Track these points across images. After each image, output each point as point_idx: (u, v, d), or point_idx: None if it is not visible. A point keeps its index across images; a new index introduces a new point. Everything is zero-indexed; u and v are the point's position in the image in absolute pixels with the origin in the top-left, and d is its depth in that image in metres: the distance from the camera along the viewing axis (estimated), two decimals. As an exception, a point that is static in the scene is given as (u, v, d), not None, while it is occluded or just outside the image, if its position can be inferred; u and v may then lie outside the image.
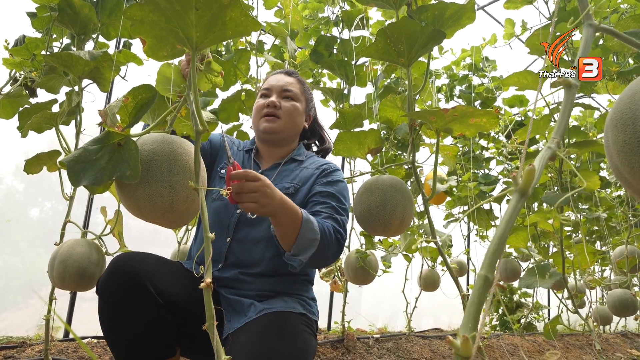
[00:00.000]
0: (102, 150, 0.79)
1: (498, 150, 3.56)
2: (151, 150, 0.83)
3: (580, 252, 1.87)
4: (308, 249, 1.14)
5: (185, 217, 0.88)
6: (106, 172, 0.78)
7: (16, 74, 1.86)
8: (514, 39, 2.28)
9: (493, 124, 1.17)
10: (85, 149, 0.79)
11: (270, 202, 1.03)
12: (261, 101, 1.45)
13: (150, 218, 0.85)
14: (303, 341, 1.08)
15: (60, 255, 1.37)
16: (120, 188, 0.85)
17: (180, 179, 0.84)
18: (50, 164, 1.57)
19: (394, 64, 1.23)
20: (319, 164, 1.42)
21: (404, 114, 1.20)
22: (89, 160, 0.78)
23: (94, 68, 1.55)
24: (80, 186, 0.77)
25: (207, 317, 0.70)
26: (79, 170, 0.76)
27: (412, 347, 2.69)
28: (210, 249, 0.75)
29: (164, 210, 0.83)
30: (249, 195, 1.00)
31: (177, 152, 0.85)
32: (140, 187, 0.81)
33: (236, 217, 1.31)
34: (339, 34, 2.68)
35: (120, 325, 1.05)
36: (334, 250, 1.22)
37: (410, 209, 1.15)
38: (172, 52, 0.89)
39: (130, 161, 0.76)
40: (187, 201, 0.85)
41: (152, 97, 0.81)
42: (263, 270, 1.26)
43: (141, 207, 0.83)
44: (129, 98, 0.80)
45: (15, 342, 1.86)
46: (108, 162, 0.78)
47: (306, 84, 1.51)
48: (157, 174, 0.82)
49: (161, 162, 0.83)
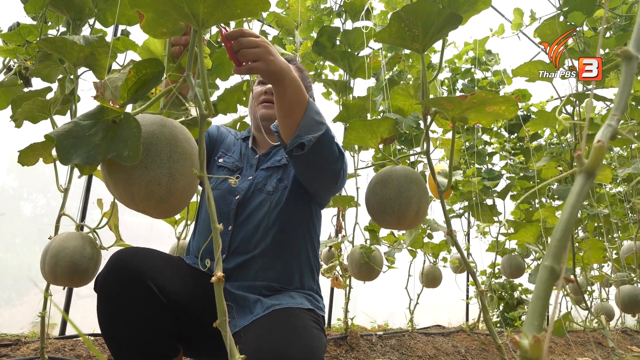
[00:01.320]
0: (96, 127, 0.71)
1: (501, 145, 3.52)
2: (150, 133, 0.75)
3: (592, 247, 1.82)
4: (314, 130, 1.05)
5: (178, 208, 0.81)
6: (100, 151, 0.69)
7: (10, 62, 1.79)
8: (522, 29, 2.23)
9: (512, 112, 1.11)
10: (76, 124, 0.71)
11: (275, 58, 0.94)
12: (259, 88, 1.42)
13: (142, 206, 0.76)
14: (314, 339, 1.03)
15: (52, 249, 1.31)
16: (110, 172, 0.76)
17: (180, 166, 0.76)
18: (45, 154, 1.51)
19: (407, 49, 1.17)
20: None
21: (418, 102, 1.15)
22: (81, 135, 0.69)
23: (90, 54, 1.48)
24: (70, 164, 0.67)
25: (219, 313, 0.65)
26: (69, 146, 0.68)
27: (416, 344, 2.65)
28: (220, 241, 0.69)
29: (160, 200, 0.75)
30: (252, 51, 0.91)
31: (178, 137, 0.77)
32: (136, 172, 0.73)
33: (235, 203, 1.27)
34: (341, 25, 2.62)
35: (120, 324, 0.99)
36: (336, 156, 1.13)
37: (425, 201, 1.09)
38: (172, 29, 0.82)
39: (129, 141, 0.68)
40: (184, 191, 0.78)
41: (157, 73, 0.73)
42: (266, 251, 1.21)
43: (134, 194, 0.74)
44: (131, 72, 0.72)
45: (10, 340, 1.79)
46: (102, 140, 0.70)
47: (305, 71, 1.46)
48: (157, 160, 0.74)
49: (161, 146, 0.75)
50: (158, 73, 0.74)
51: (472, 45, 3.52)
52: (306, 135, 1.04)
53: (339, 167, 1.18)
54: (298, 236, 1.27)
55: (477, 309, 4.18)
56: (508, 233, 3.25)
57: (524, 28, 2.20)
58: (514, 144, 3.60)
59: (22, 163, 1.49)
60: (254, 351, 0.92)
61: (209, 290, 1.15)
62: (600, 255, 1.83)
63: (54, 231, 1.48)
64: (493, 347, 3.11)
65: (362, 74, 2.51)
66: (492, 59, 3.55)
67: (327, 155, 1.13)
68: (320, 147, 1.09)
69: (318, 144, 1.07)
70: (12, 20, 1.78)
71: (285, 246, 1.23)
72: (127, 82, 0.73)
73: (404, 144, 2.65)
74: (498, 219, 3.33)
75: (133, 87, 0.75)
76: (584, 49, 1.83)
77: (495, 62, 3.54)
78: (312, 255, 1.32)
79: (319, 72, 2.80)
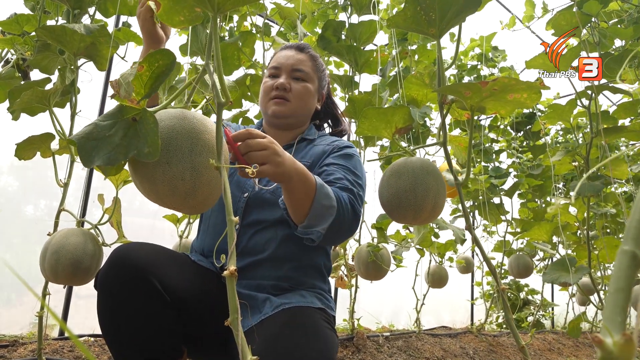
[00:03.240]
0: (116, 126, 0.70)
1: (508, 142, 3.46)
2: (170, 128, 0.73)
3: (608, 245, 1.77)
4: (324, 218, 1.02)
5: (207, 202, 0.79)
6: (121, 150, 0.68)
7: (7, 54, 1.74)
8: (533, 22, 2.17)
9: (534, 100, 1.05)
10: (96, 125, 0.70)
11: (282, 160, 0.91)
12: (269, 81, 1.33)
13: (169, 203, 0.75)
14: (326, 338, 0.98)
15: (53, 245, 1.25)
16: (135, 170, 0.75)
17: (203, 159, 0.74)
18: (43, 148, 1.46)
19: (423, 34, 1.12)
20: (331, 141, 1.32)
21: (434, 90, 1.09)
22: (101, 137, 0.69)
23: (90, 44, 1.43)
24: (93, 166, 0.67)
25: (231, 311, 0.59)
26: (90, 149, 0.67)
27: (423, 345, 2.59)
28: (234, 234, 0.63)
29: (185, 195, 0.73)
30: (260, 154, 0.87)
31: (198, 129, 0.75)
32: (159, 169, 0.71)
33: (244, 201, 1.20)
34: (347, 19, 2.56)
35: (121, 322, 0.94)
36: (350, 221, 1.09)
37: (443, 194, 1.04)
38: (190, 17, 0.79)
39: (148, 137, 0.67)
40: (210, 184, 0.76)
41: (170, 64, 0.70)
42: (276, 253, 1.15)
43: (159, 192, 0.73)
44: (144, 66, 0.69)
45: (7, 341, 1.74)
46: (123, 139, 0.69)
47: (319, 59, 1.38)
48: (178, 154, 0.72)
49: (181, 140, 0.73)
50: (170, 64, 0.72)
51: (478, 42, 3.46)
52: (315, 227, 1.03)
53: (355, 229, 1.15)
54: None
55: (482, 310, 4.13)
56: (516, 232, 3.20)
57: (536, 21, 2.14)
58: (520, 142, 3.55)
59: (20, 157, 1.44)
60: (264, 351, 0.86)
61: (215, 288, 1.09)
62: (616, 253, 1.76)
63: (54, 227, 1.42)
64: (501, 349, 3.05)
65: (368, 69, 2.45)
66: (498, 55, 3.50)
67: (341, 233, 1.10)
68: (333, 231, 1.06)
69: (330, 230, 1.05)
70: (10, 11, 1.73)
71: (299, 252, 1.17)
72: (141, 77, 0.71)
73: (409, 140, 2.59)
74: (505, 217, 3.27)
75: (148, 81, 0.72)
76: (600, 40, 1.77)
77: (502, 59, 3.48)
78: (324, 256, 1.26)
79: (324, 68, 2.75)
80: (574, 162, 1.82)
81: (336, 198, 1.04)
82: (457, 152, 2.35)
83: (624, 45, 1.80)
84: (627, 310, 0.30)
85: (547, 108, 3.00)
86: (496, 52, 3.49)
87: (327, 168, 1.18)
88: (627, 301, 0.30)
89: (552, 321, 5.14)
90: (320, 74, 1.39)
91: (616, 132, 1.67)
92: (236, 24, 2.41)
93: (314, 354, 0.90)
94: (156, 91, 0.77)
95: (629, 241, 0.31)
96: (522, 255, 2.99)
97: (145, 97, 0.74)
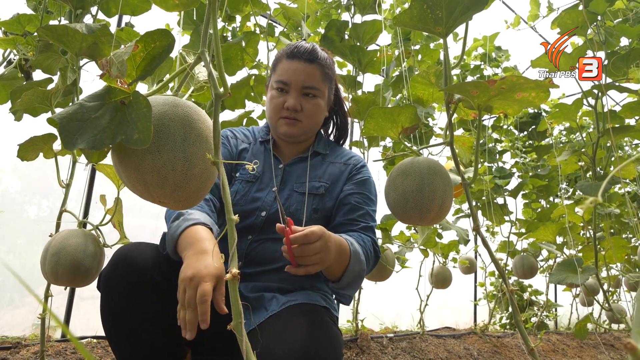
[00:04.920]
0: (103, 108, 0.64)
1: (511, 143, 3.44)
2: (162, 114, 0.67)
3: (615, 245, 1.75)
4: (356, 280, 1.11)
5: (195, 197, 0.72)
6: (108, 134, 0.61)
7: (10, 55, 1.73)
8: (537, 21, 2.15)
9: (543, 99, 1.04)
10: (81, 105, 0.63)
11: (330, 256, 0.97)
12: (279, 98, 1.25)
13: (157, 195, 0.69)
14: (334, 333, 0.97)
15: (53, 247, 1.24)
16: (120, 158, 0.68)
17: (196, 149, 0.68)
18: (45, 149, 1.45)
19: (429, 33, 1.10)
20: (346, 158, 1.34)
21: (441, 89, 1.08)
22: (86, 118, 0.62)
23: (92, 44, 1.41)
24: (75, 149, 0.60)
25: (234, 315, 0.58)
26: (73, 130, 0.61)
27: (427, 346, 2.57)
28: (235, 234, 0.62)
29: (175, 186, 0.67)
30: (313, 259, 0.94)
31: (192, 117, 0.69)
32: (148, 157, 0.65)
33: (261, 219, 1.19)
34: (350, 19, 2.55)
35: (125, 323, 0.93)
36: (372, 265, 1.21)
37: (450, 194, 1.02)
38: (185, 1, 0.76)
39: (139, 122, 0.60)
40: (201, 177, 0.69)
41: (167, 46, 0.66)
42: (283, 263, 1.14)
43: (147, 181, 0.66)
44: (139, 46, 0.64)
45: (10, 343, 1.73)
46: (110, 122, 0.62)
47: (328, 60, 1.31)
48: (170, 142, 0.66)
49: (174, 128, 0.67)
50: (168, 46, 0.66)
51: (481, 42, 3.45)
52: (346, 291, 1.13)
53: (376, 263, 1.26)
54: None
55: (485, 311, 4.10)
56: (520, 232, 3.18)
57: (541, 20, 2.12)
58: (523, 142, 3.53)
59: (22, 158, 1.43)
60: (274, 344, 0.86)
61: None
62: (623, 253, 1.75)
63: (55, 228, 1.41)
64: (505, 350, 3.03)
65: (371, 69, 2.44)
66: (502, 55, 3.48)
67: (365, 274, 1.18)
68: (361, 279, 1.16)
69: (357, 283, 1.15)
70: (12, 12, 1.73)
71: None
72: (134, 57, 0.65)
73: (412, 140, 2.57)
74: (509, 218, 3.25)
75: (142, 63, 0.66)
76: (606, 39, 1.76)
77: (505, 58, 3.47)
78: None
79: (327, 68, 2.73)
80: (580, 162, 1.81)
81: (365, 256, 1.12)
82: (462, 152, 2.34)
83: (630, 43, 1.78)
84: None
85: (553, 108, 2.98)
86: (499, 52, 3.48)
87: (350, 200, 1.24)
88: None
89: (555, 322, 5.12)
90: (329, 82, 1.32)
91: (623, 132, 1.65)
92: (239, 25, 2.40)
93: (325, 347, 0.89)
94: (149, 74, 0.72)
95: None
96: (526, 256, 2.97)
97: (137, 80, 0.68)
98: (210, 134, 0.70)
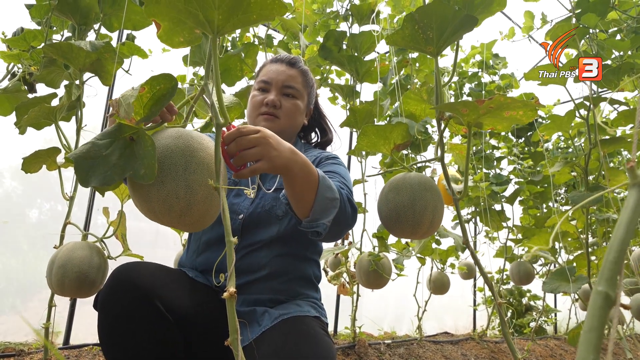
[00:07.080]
0: (113, 145, 0.70)
1: (509, 149, 3.47)
2: (164, 147, 0.73)
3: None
4: (329, 210, 1.00)
5: (205, 219, 0.78)
6: (117, 171, 0.68)
7: (14, 68, 1.78)
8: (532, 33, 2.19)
9: (530, 117, 1.08)
10: (93, 144, 0.70)
11: (279, 153, 0.88)
12: (259, 96, 1.29)
13: (166, 221, 0.75)
14: (326, 345, 1.00)
15: (59, 259, 1.28)
16: (133, 189, 0.76)
17: (197, 177, 0.73)
18: (49, 162, 1.49)
19: (421, 52, 1.14)
20: (316, 154, 1.32)
21: (432, 107, 1.11)
22: (98, 156, 0.69)
23: (96, 60, 1.46)
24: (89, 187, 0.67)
25: (231, 331, 0.61)
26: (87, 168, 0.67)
27: (425, 352, 2.60)
28: (234, 255, 0.66)
29: (181, 213, 0.73)
30: (252, 152, 0.84)
31: (193, 147, 0.75)
32: (154, 188, 0.72)
33: (239, 222, 1.20)
34: (348, 29, 2.59)
35: (125, 344, 0.93)
36: (350, 214, 1.08)
37: (440, 209, 1.06)
38: (189, 38, 0.81)
39: (145, 159, 0.67)
40: (205, 202, 0.75)
41: (171, 88, 0.71)
42: (271, 271, 1.17)
43: (156, 210, 0.73)
44: (145, 88, 0.70)
45: (13, 350, 1.76)
46: (119, 159, 0.69)
47: (309, 73, 1.37)
48: (172, 173, 0.72)
49: (176, 159, 0.73)
50: (172, 88, 0.73)
51: (479, 49, 3.49)
52: (321, 219, 1.00)
53: (353, 223, 1.14)
54: (305, 255, 1.24)
55: (485, 315, 4.13)
56: (517, 239, 3.20)
57: (534, 32, 2.16)
58: (521, 148, 3.56)
59: (26, 170, 1.47)
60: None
61: (215, 305, 1.11)
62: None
63: (59, 240, 1.45)
64: (503, 355, 3.05)
65: (369, 78, 2.47)
66: (499, 62, 3.52)
67: (343, 226, 1.09)
68: (336, 223, 1.04)
69: (333, 223, 1.03)
70: (16, 26, 1.77)
71: (291, 266, 1.19)
72: (142, 98, 0.71)
73: (410, 148, 2.61)
74: (507, 224, 3.28)
75: (148, 102, 0.73)
76: (598, 52, 1.79)
77: (502, 66, 3.50)
78: (316, 268, 1.31)
79: (325, 77, 2.77)
80: (573, 173, 1.84)
81: (337, 189, 1.03)
82: (458, 159, 2.37)
83: (621, 56, 1.82)
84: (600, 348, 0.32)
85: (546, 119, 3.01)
86: (497, 60, 3.52)
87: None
88: (601, 339, 0.32)
89: (555, 327, 5.13)
90: (310, 89, 1.37)
91: (614, 143, 1.68)
92: (239, 35, 2.44)
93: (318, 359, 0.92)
94: (156, 115, 0.77)
95: (602, 282, 0.33)
96: (523, 262, 3.00)
97: (144, 120, 0.74)
98: (211, 160, 0.75)
